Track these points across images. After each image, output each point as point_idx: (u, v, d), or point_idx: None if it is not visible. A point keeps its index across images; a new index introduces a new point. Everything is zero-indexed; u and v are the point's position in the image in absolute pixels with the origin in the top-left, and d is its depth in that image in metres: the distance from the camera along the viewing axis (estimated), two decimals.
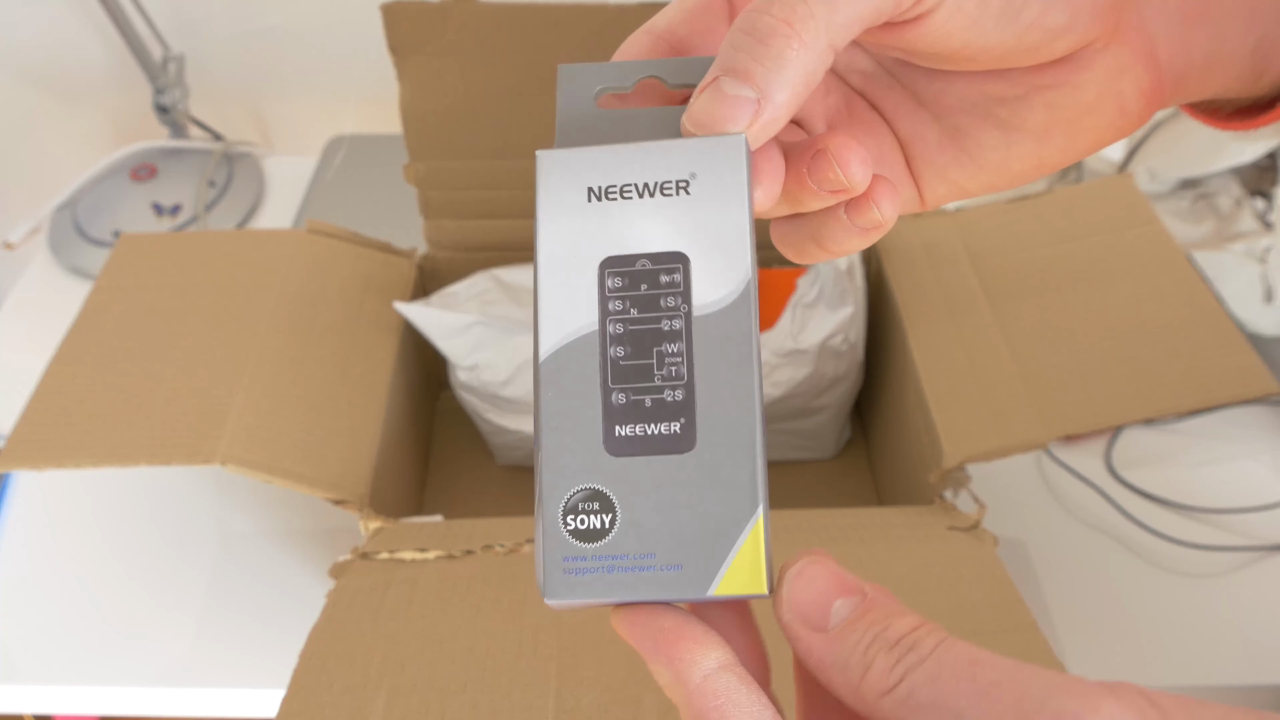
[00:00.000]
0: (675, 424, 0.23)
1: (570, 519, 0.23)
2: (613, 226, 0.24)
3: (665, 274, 0.24)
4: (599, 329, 0.24)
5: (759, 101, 0.22)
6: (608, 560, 0.23)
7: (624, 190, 0.24)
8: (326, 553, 0.68)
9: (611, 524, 0.23)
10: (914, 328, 0.60)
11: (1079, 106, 0.26)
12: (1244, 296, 0.74)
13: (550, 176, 0.25)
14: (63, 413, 0.54)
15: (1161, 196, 0.81)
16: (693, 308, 0.23)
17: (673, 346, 0.23)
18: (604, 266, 0.24)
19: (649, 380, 0.23)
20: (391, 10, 0.59)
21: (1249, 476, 0.70)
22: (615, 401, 0.23)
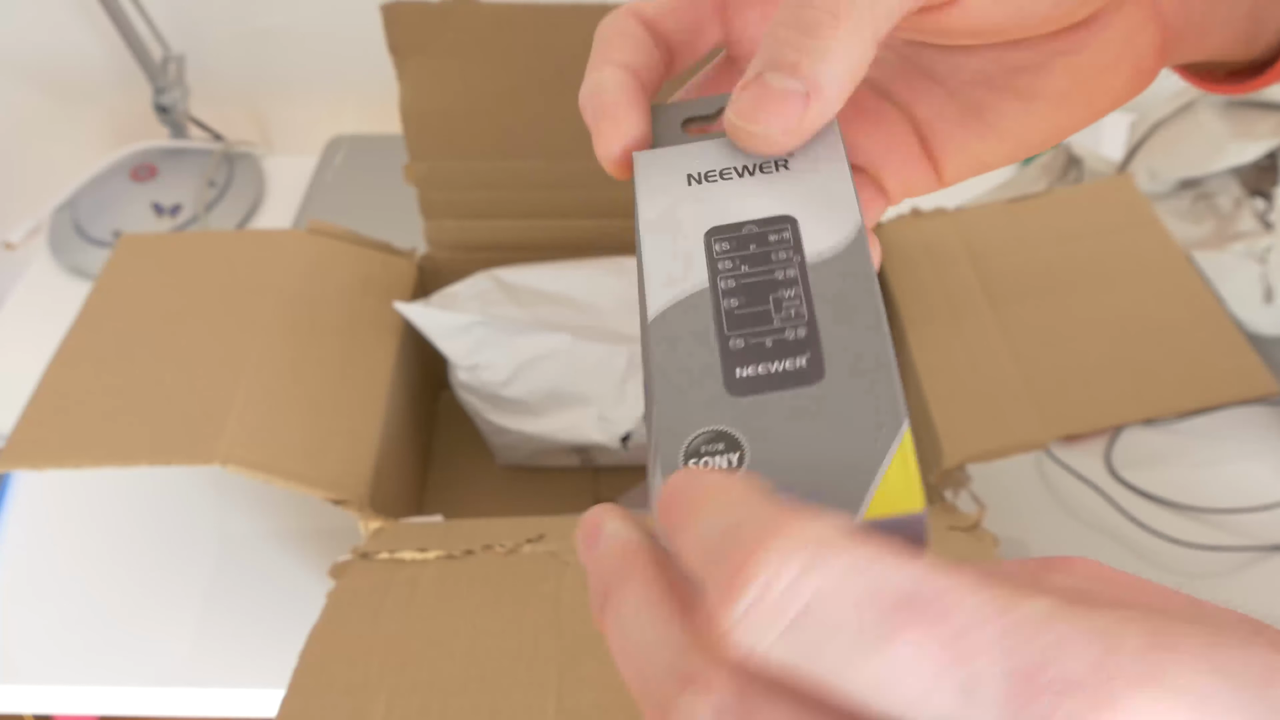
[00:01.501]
0: (801, 358, 0.22)
1: (693, 463, 0.21)
2: (715, 202, 0.24)
3: (774, 234, 0.23)
4: (710, 286, 0.23)
5: (808, 95, 0.22)
6: None
7: (724, 173, 0.24)
8: (326, 553, 0.68)
9: (740, 461, 0.21)
10: (914, 328, 0.60)
11: (1097, 69, 0.25)
12: (1244, 296, 0.74)
13: (649, 169, 0.25)
14: (63, 413, 0.54)
15: (1161, 196, 0.81)
16: (805, 256, 0.23)
17: (789, 292, 0.23)
18: (710, 235, 0.24)
19: (768, 324, 0.22)
20: (391, 10, 0.59)
21: (1249, 476, 0.70)
22: (733, 346, 0.22)
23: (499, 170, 0.66)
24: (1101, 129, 0.98)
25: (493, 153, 0.65)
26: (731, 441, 0.21)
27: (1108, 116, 0.99)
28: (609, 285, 0.66)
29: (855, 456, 0.21)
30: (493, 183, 0.67)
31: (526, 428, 0.66)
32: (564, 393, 0.65)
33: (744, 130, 0.23)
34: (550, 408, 0.66)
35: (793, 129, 0.22)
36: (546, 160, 0.65)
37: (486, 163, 0.66)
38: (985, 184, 0.88)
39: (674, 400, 0.22)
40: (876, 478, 0.21)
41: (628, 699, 0.43)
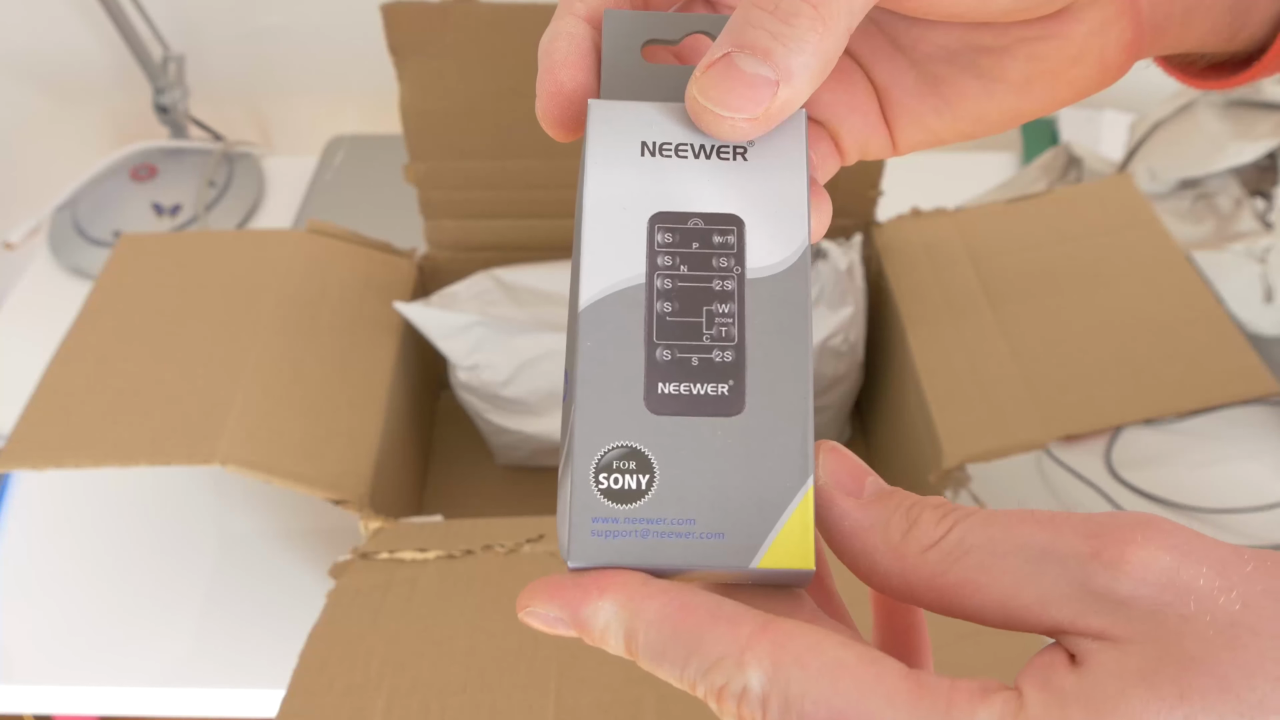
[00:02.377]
0: (723, 386, 0.22)
1: (603, 477, 0.21)
2: (665, 182, 0.23)
3: (718, 234, 0.23)
4: (645, 282, 0.22)
5: (777, 84, 0.21)
6: (642, 524, 0.21)
7: (679, 149, 0.23)
8: (326, 553, 0.68)
9: (649, 485, 0.21)
10: (914, 328, 0.60)
11: (1062, 59, 0.25)
12: (1244, 296, 0.74)
13: (602, 126, 0.24)
14: (63, 412, 0.54)
15: (1161, 196, 0.81)
16: (746, 270, 0.22)
17: (723, 307, 0.22)
18: (654, 221, 0.23)
19: (697, 339, 0.22)
20: (391, 10, 0.59)
21: (1249, 476, 0.70)
22: (659, 358, 0.22)
23: (499, 170, 0.66)
24: (1101, 129, 0.98)
25: (492, 153, 0.65)
26: (644, 462, 0.21)
27: (1107, 116, 1.00)
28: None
29: (758, 503, 0.21)
30: (492, 183, 0.67)
31: (526, 427, 0.66)
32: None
33: (708, 112, 0.22)
34: (550, 407, 0.66)
35: (758, 117, 0.21)
36: (546, 160, 0.65)
37: (486, 163, 0.66)
38: (985, 184, 0.88)
39: (593, 404, 0.22)
40: (775, 529, 0.21)
41: (627, 698, 0.43)
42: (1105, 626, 0.18)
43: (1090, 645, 0.18)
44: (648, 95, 0.24)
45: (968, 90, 0.26)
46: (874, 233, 0.68)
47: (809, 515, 0.21)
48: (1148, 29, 0.26)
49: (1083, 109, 1.00)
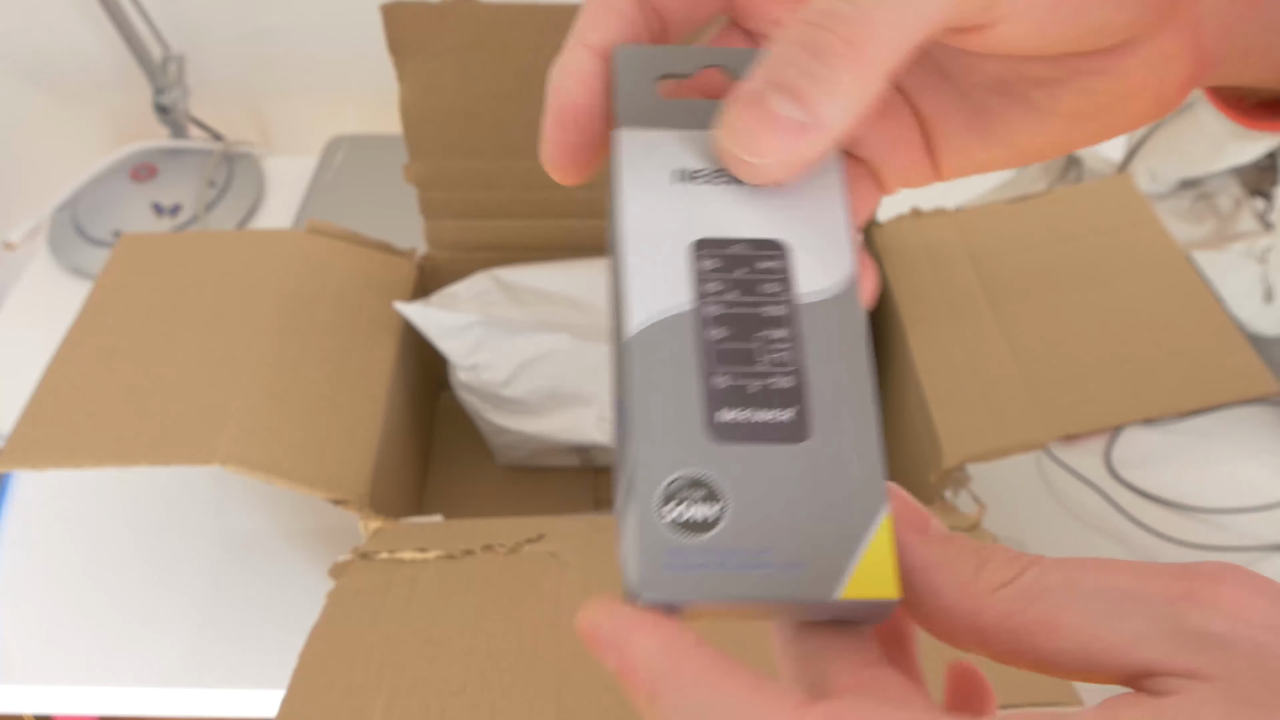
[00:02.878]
0: (787, 412, 0.21)
1: (670, 508, 0.20)
2: (703, 209, 0.22)
3: (764, 260, 0.22)
4: (694, 308, 0.22)
5: (808, 127, 0.20)
6: (716, 555, 0.20)
7: (712, 176, 0.23)
8: (325, 553, 0.68)
9: (719, 515, 0.20)
10: (914, 328, 0.60)
11: (1117, 94, 0.24)
12: (1244, 296, 0.74)
13: (633, 155, 0.23)
14: (63, 413, 0.54)
15: (1161, 196, 0.81)
16: (797, 294, 0.22)
17: (777, 332, 0.22)
18: (697, 247, 0.22)
19: (752, 365, 0.21)
20: (391, 10, 0.59)
21: (1249, 476, 0.70)
22: (717, 385, 0.21)
23: (499, 170, 0.66)
24: None
25: (492, 152, 0.65)
26: (710, 492, 0.21)
27: None
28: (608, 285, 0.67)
29: (836, 531, 0.20)
30: (492, 183, 0.67)
31: (527, 428, 0.66)
32: (564, 392, 0.65)
33: (735, 158, 0.21)
34: (550, 407, 0.66)
35: (788, 163, 0.21)
36: None
37: (486, 162, 0.66)
38: (985, 184, 0.88)
39: (653, 433, 0.21)
40: (856, 557, 0.20)
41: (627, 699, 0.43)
42: (1201, 665, 0.17)
43: (1182, 683, 0.17)
44: (666, 129, 0.23)
45: (1017, 123, 0.25)
46: (874, 233, 0.68)
47: (889, 542, 0.20)
48: (1207, 63, 0.25)
49: None
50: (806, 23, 0.20)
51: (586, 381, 0.64)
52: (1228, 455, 0.72)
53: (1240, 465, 0.71)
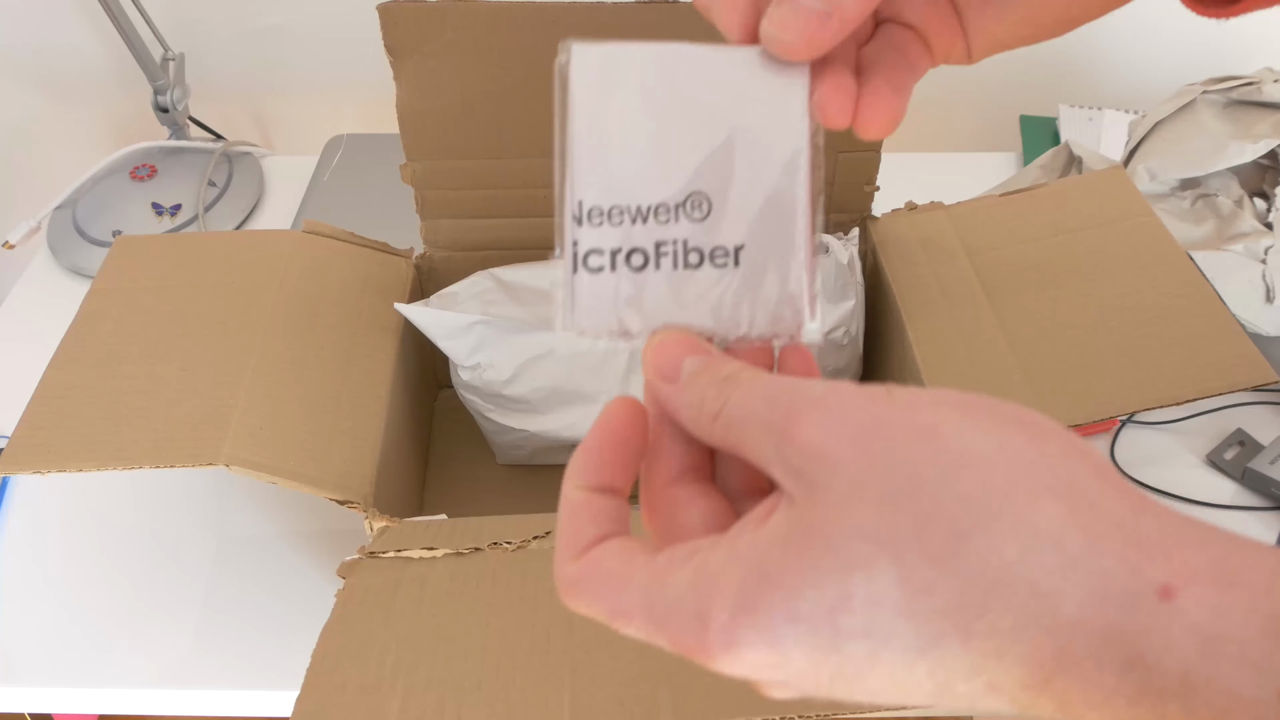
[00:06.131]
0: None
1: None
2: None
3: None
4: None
5: (829, 14, 0.26)
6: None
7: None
8: (324, 553, 0.68)
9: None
10: (912, 321, 0.60)
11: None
12: (1244, 296, 0.74)
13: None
14: (63, 415, 0.54)
15: (1162, 197, 0.81)
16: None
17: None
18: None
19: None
20: (388, 10, 0.59)
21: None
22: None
23: (495, 169, 0.66)
24: (1101, 129, 0.98)
25: (489, 152, 0.65)
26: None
27: (1107, 116, 0.99)
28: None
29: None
30: (489, 182, 0.67)
31: (529, 426, 0.66)
32: (566, 390, 0.65)
33: (774, 37, 0.27)
34: (553, 406, 0.66)
35: (814, 41, 0.26)
36: (543, 159, 0.65)
37: (483, 162, 0.66)
38: (986, 184, 0.88)
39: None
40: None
41: (642, 693, 0.43)
42: (790, 488, 0.22)
43: (781, 499, 0.22)
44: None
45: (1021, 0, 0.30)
46: (870, 227, 0.68)
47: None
48: None
49: (1083, 109, 1.00)
50: None
51: (588, 379, 0.64)
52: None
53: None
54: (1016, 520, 0.20)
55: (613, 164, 0.27)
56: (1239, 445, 0.72)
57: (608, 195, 0.27)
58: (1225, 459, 0.71)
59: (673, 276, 0.27)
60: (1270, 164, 0.79)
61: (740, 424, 0.24)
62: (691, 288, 0.27)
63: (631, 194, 0.27)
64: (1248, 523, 0.68)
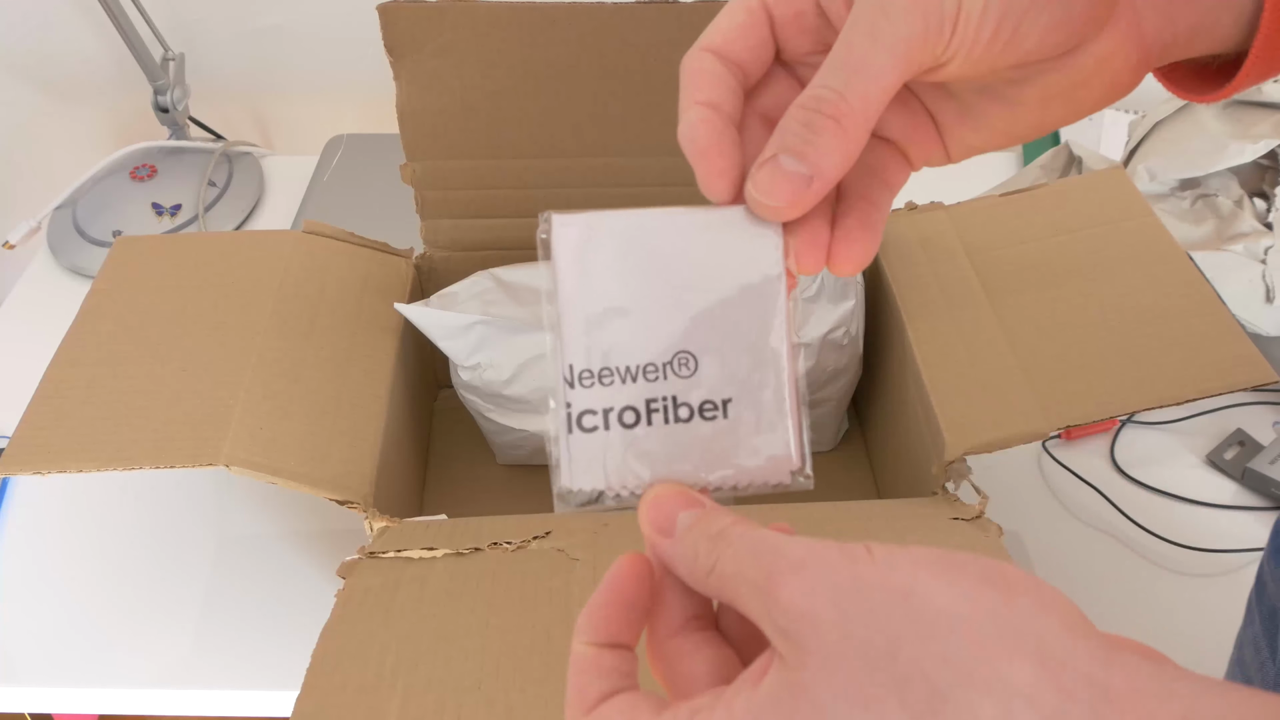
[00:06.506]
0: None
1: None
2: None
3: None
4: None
5: (811, 178, 0.27)
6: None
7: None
8: (322, 553, 0.68)
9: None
10: (912, 321, 0.60)
11: (1072, 84, 0.29)
12: (1244, 297, 0.74)
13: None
14: (63, 416, 0.54)
15: (1162, 197, 0.81)
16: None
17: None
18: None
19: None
20: (388, 10, 0.59)
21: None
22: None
23: (495, 169, 0.66)
24: (1102, 129, 0.98)
25: (489, 152, 0.65)
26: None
27: (1107, 116, 0.99)
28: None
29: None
30: (489, 182, 0.67)
31: (530, 426, 0.66)
32: None
33: (759, 201, 0.28)
34: None
35: (796, 203, 0.27)
36: (542, 159, 0.65)
37: (482, 162, 0.66)
38: (986, 184, 0.88)
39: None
40: None
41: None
42: (779, 646, 0.23)
43: (773, 659, 0.23)
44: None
45: (995, 113, 0.31)
46: None
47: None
48: (1154, 49, 0.30)
49: None
50: (801, 107, 0.27)
51: None
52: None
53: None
54: (992, 679, 0.20)
55: (600, 328, 0.29)
56: (1239, 445, 0.72)
57: (598, 358, 0.29)
58: (1225, 459, 0.71)
59: (664, 431, 0.29)
60: (1270, 164, 0.79)
61: (731, 581, 0.24)
62: (683, 442, 0.29)
63: (620, 355, 0.29)
64: (1247, 523, 0.68)
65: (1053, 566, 0.65)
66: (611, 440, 0.29)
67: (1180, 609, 0.63)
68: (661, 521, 0.27)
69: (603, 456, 0.29)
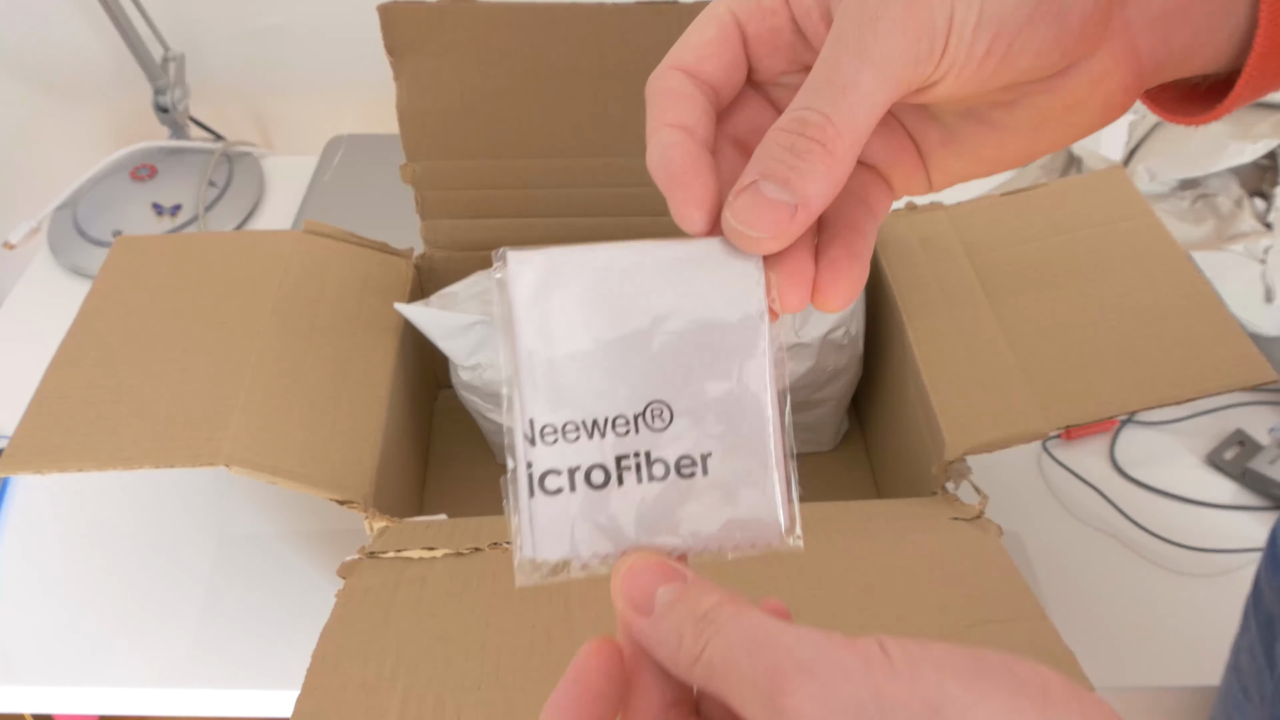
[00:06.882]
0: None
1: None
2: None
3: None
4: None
5: (797, 207, 0.25)
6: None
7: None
8: (323, 553, 0.68)
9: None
10: (912, 321, 0.61)
11: (1065, 106, 0.27)
12: (1244, 296, 0.74)
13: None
14: (64, 416, 0.54)
15: (1161, 197, 0.81)
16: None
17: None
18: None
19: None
20: (388, 10, 0.59)
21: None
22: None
23: (495, 169, 0.66)
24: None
25: (489, 152, 0.65)
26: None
27: None
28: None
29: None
30: (489, 182, 0.67)
31: None
32: None
33: (739, 232, 0.25)
34: None
35: (781, 234, 0.25)
36: (542, 159, 0.65)
37: (482, 162, 0.66)
38: (987, 184, 0.88)
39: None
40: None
41: None
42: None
43: None
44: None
45: (981, 138, 0.29)
46: None
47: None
48: (1148, 69, 0.28)
49: None
50: (784, 130, 0.25)
51: None
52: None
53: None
54: None
55: (563, 377, 0.26)
56: (1239, 445, 0.72)
57: (560, 410, 0.26)
58: (1225, 459, 0.71)
59: (637, 492, 0.26)
60: (1270, 164, 0.79)
61: (723, 674, 0.22)
62: (658, 503, 0.26)
63: (586, 408, 0.26)
64: (1247, 523, 0.68)
65: (1052, 566, 0.65)
66: (578, 503, 0.26)
67: (1180, 609, 0.63)
68: (637, 597, 0.24)
69: (568, 522, 0.26)
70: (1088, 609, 0.63)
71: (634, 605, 0.24)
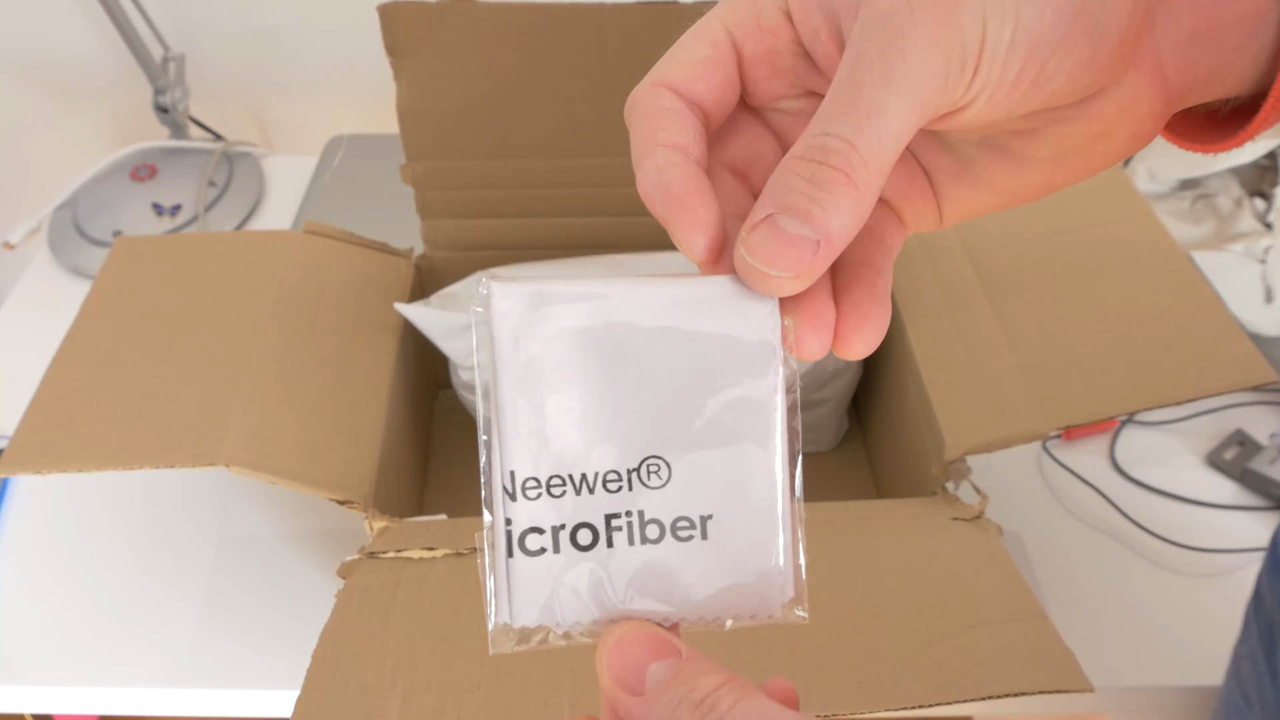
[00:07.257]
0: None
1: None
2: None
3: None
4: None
5: (819, 243, 0.22)
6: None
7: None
8: (322, 553, 0.68)
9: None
10: (912, 321, 0.61)
11: (1091, 135, 0.26)
12: (1244, 297, 0.74)
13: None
14: (64, 416, 0.54)
15: (1161, 197, 0.81)
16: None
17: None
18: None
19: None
20: (389, 11, 0.59)
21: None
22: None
23: (495, 169, 0.66)
24: None
25: (489, 152, 0.65)
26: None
27: None
28: None
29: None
30: (489, 182, 0.67)
31: None
32: None
33: (756, 270, 0.23)
34: None
35: (803, 273, 0.23)
36: (542, 159, 0.66)
37: (483, 162, 0.66)
38: None
39: None
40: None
41: None
42: None
43: None
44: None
45: (1000, 170, 0.27)
46: None
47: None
48: (1175, 94, 0.26)
49: None
50: (802, 159, 0.23)
51: None
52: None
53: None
54: None
55: (549, 426, 0.23)
56: (1239, 445, 0.72)
57: (545, 463, 0.23)
58: (1225, 459, 0.71)
59: (628, 555, 0.23)
60: (1270, 164, 0.79)
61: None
62: (651, 568, 0.24)
63: (573, 461, 0.23)
64: (1247, 523, 0.68)
65: (1052, 566, 0.65)
66: (561, 566, 0.23)
67: (1180, 609, 0.63)
68: (626, 674, 0.23)
69: (550, 586, 0.23)
70: (1088, 609, 0.63)
71: (622, 684, 0.23)
